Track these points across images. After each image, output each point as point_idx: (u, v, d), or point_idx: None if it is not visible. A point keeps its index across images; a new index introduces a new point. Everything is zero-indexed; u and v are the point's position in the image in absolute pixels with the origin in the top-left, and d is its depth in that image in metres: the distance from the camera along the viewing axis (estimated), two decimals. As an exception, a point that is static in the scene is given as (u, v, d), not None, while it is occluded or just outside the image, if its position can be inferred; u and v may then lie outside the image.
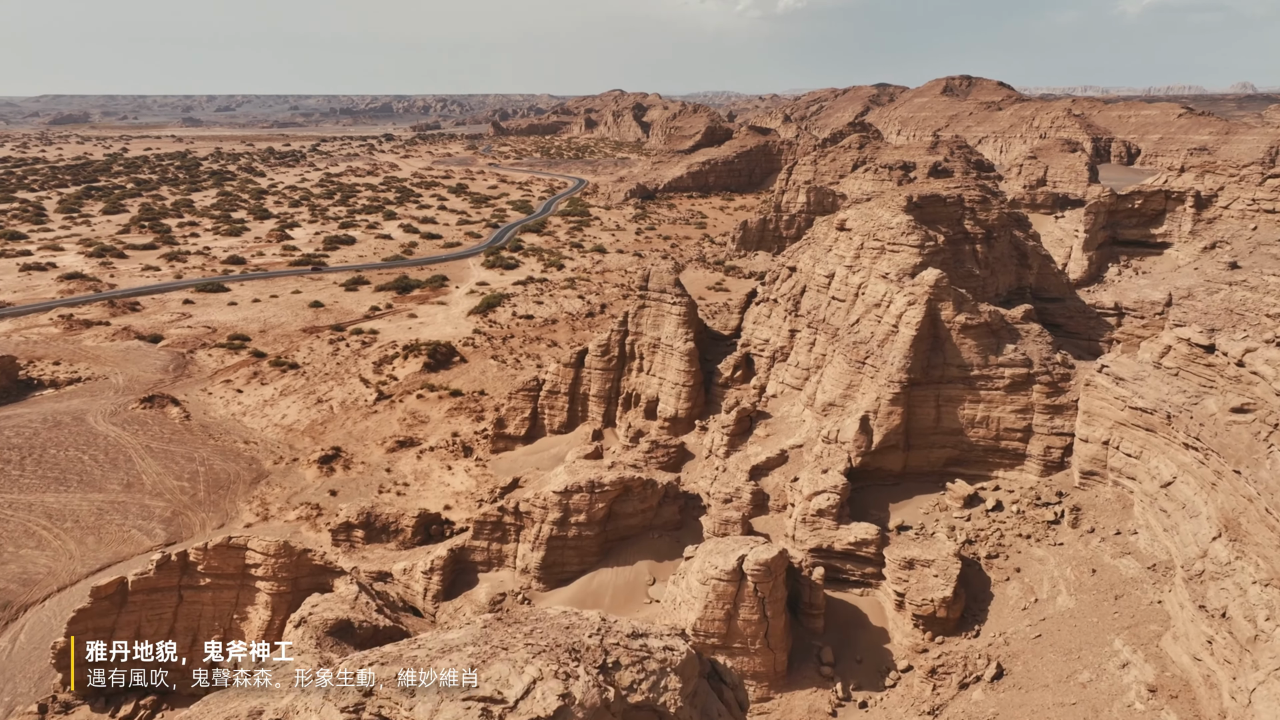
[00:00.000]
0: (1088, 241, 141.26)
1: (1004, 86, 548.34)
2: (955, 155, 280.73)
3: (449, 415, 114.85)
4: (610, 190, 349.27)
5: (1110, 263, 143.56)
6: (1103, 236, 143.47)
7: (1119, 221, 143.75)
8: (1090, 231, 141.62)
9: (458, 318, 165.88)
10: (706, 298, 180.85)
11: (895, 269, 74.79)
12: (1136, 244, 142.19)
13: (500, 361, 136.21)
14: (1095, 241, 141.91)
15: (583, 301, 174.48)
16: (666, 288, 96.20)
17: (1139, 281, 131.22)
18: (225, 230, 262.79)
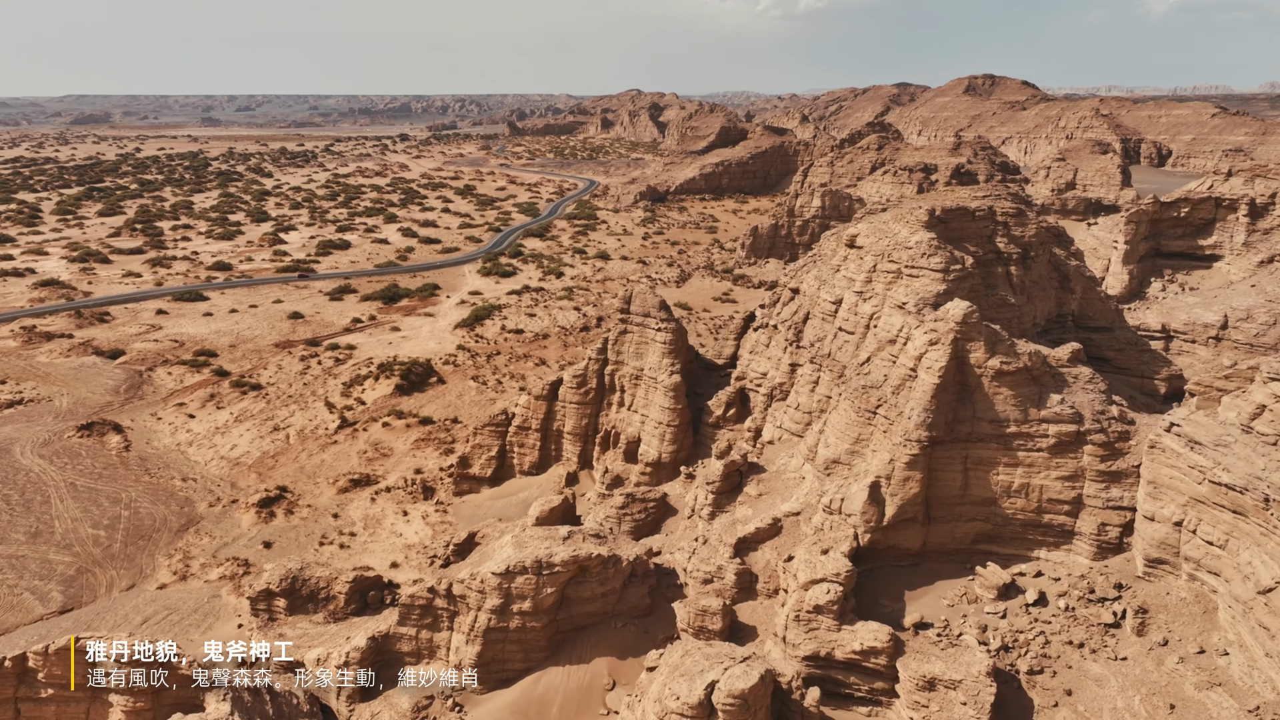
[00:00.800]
0: (1128, 253, 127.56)
1: (1028, 86, 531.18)
2: (979, 157, 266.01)
3: (415, 447, 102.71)
4: (620, 192, 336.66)
5: (1153, 277, 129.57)
6: (1145, 248, 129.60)
7: (1162, 231, 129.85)
8: (1131, 242, 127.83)
9: (443, 331, 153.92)
10: (712, 309, 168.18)
11: (914, 298, 61.78)
12: (1182, 256, 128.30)
13: (481, 383, 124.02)
14: (1137, 253, 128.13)
15: (578, 314, 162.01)
16: (650, 311, 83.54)
17: (1187, 299, 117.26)
18: (219, 234, 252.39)
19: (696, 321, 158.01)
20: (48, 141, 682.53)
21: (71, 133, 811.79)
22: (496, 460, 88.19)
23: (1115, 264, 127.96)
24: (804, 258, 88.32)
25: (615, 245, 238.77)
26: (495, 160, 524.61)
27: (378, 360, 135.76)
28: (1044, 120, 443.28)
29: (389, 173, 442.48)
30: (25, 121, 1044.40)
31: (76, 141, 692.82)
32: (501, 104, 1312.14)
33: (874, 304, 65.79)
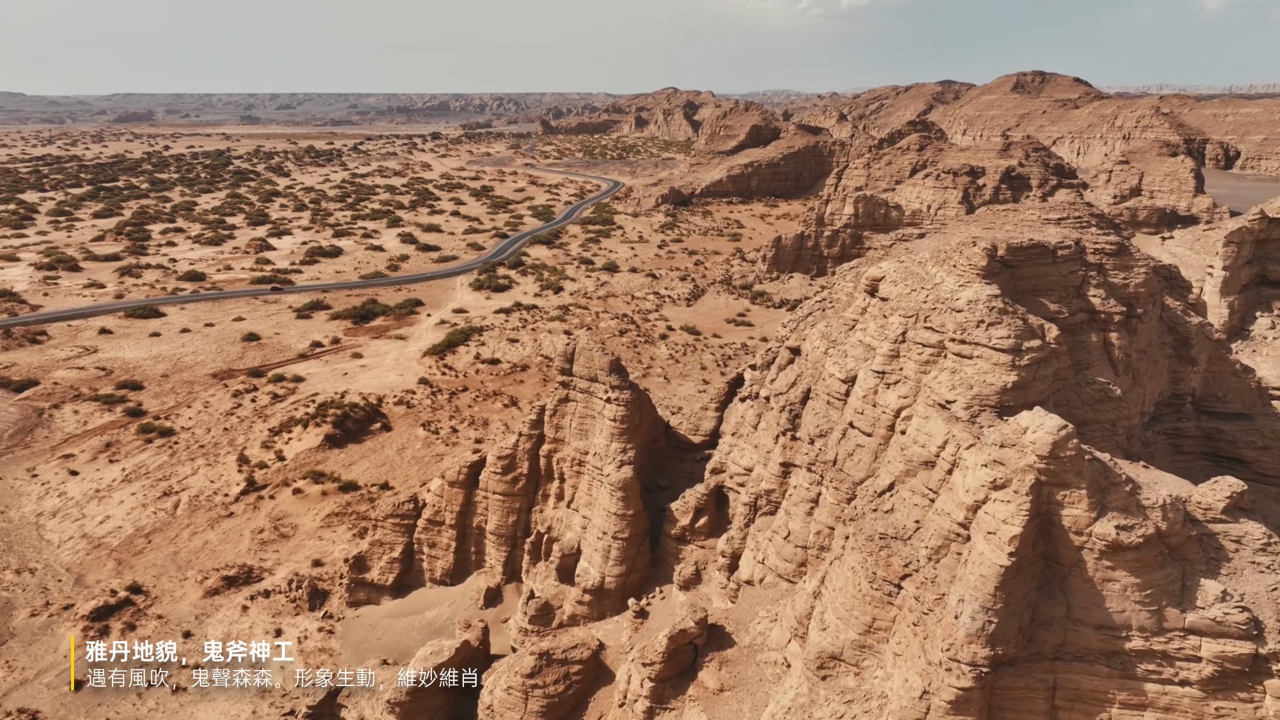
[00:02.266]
0: (1228, 282, 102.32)
1: (1081, 83, 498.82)
2: (1031, 159, 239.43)
3: (325, 525, 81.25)
4: (641, 195, 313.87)
5: (1258, 311, 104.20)
6: (1247, 275, 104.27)
7: (1270, 254, 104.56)
8: (1231, 268, 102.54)
9: (410, 359, 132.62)
10: (723, 334, 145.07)
11: (966, 394, 38.60)
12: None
13: (432, 432, 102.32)
14: (1238, 281, 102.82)
15: (567, 339, 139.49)
16: (598, 375, 60.97)
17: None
18: (208, 238, 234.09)
19: (702, 351, 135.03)
20: (83, 140, 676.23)
21: (110, 131, 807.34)
22: (402, 563, 66.20)
23: (1211, 294, 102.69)
24: (811, 301, 65.09)
25: (627, 255, 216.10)
26: (521, 160, 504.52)
27: (324, 396, 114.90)
28: (1098, 119, 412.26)
29: (408, 172, 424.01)
30: (70, 119, 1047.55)
31: (111, 139, 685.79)
32: (539, 102, 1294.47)
33: (901, 394, 42.63)
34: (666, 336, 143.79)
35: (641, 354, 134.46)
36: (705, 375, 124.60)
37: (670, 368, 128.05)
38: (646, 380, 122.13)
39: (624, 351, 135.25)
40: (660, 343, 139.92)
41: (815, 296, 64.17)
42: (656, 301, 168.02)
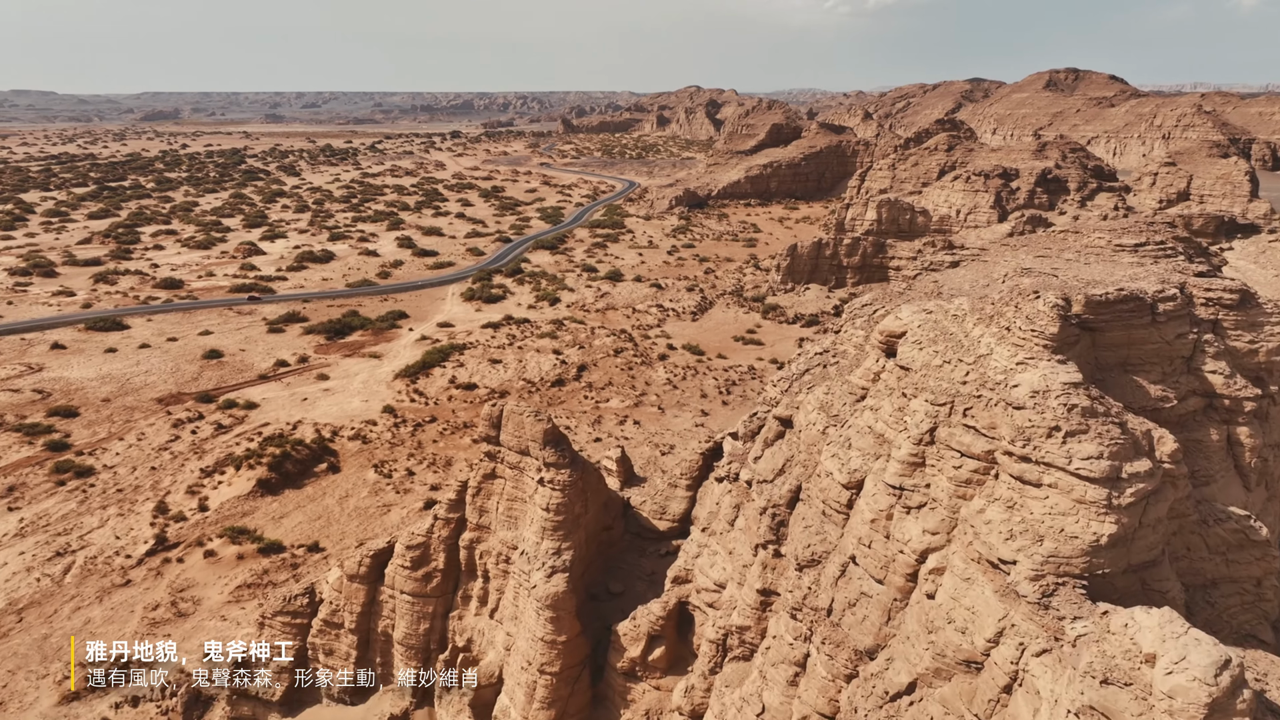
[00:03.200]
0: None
1: (1116, 80, 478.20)
2: (1069, 160, 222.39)
3: (234, 598, 67.62)
4: (655, 197, 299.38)
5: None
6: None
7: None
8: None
9: (380, 382, 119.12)
10: (729, 356, 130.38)
11: (1033, 554, 24.02)
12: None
13: (384, 475, 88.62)
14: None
15: (555, 360, 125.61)
16: (529, 448, 46.57)
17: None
18: (198, 241, 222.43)
19: (704, 375, 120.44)
20: (105, 138, 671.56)
21: (133, 129, 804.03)
22: (293, 672, 52.28)
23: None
24: (810, 353, 50.59)
25: (633, 262, 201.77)
26: (538, 159, 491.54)
27: (275, 427, 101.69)
28: (1135, 118, 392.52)
29: (420, 172, 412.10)
30: (97, 118, 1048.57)
31: (132, 138, 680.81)
32: (563, 101, 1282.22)
33: (929, 527, 28.08)
34: (666, 357, 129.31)
35: (636, 378, 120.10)
36: (705, 404, 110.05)
37: (666, 395, 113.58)
38: (639, 410, 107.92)
39: (617, 375, 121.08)
40: (658, 364, 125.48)
41: (815, 348, 49.51)
42: (659, 315, 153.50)
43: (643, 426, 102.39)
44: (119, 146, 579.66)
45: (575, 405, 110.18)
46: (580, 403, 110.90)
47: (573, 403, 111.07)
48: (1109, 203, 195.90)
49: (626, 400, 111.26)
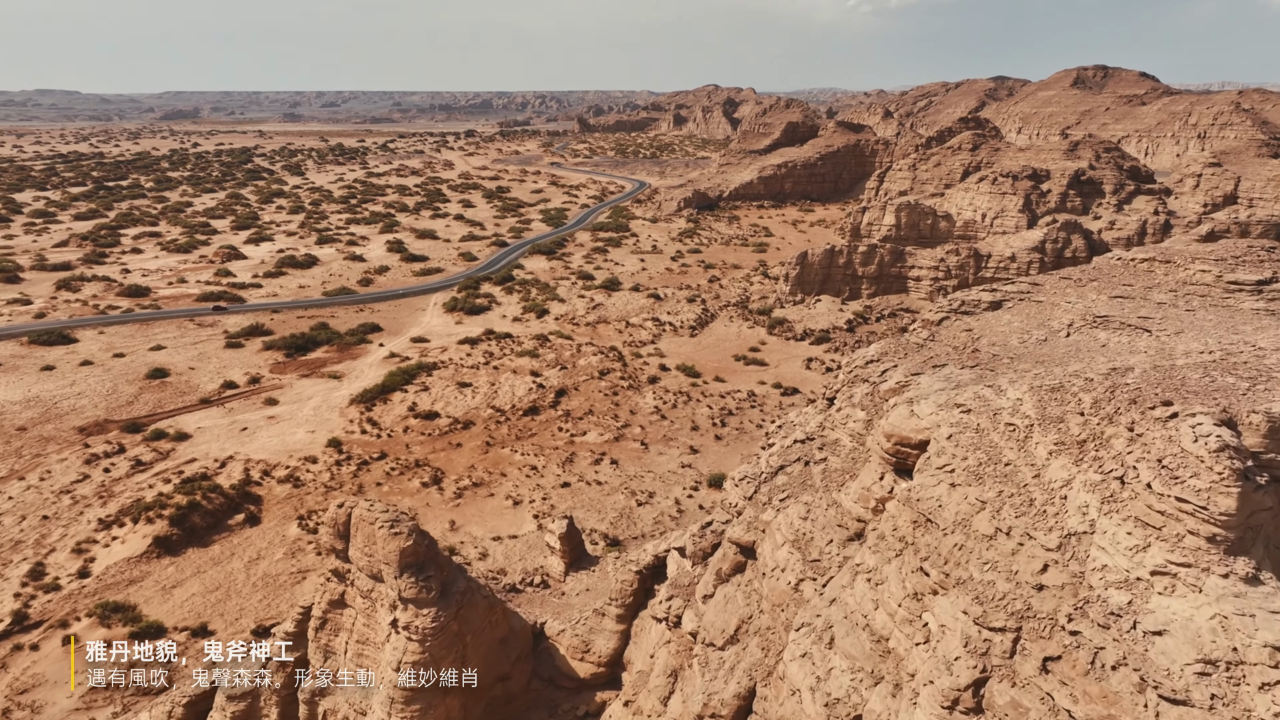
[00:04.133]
0: None
1: (1147, 78, 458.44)
2: (1103, 160, 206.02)
3: (84, 705, 54.13)
4: (663, 198, 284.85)
5: None
6: None
7: None
8: None
9: (334, 408, 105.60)
10: (729, 377, 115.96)
11: None
12: None
13: (308, 530, 74.97)
14: None
15: (532, 384, 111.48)
16: (382, 570, 32.38)
17: None
18: (179, 245, 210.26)
19: (697, 403, 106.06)
20: (120, 136, 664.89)
21: (149, 128, 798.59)
22: None
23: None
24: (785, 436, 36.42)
25: (634, 269, 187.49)
26: (549, 158, 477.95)
27: (202, 463, 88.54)
28: (1169, 116, 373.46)
29: (427, 171, 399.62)
30: (118, 117, 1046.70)
31: (147, 137, 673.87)
32: (582, 100, 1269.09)
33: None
34: (657, 380, 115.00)
35: (621, 405, 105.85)
36: (696, 439, 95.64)
37: (653, 426, 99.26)
38: (619, 446, 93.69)
39: (600, 401, 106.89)
40: (647, 389, 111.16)
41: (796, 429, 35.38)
42: (654, 330, 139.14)
43: (620, 468, 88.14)
44: (130, 145, 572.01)
45: (547, 438, 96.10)
46: (553, 436, 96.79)
47: (545, 435, 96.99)
48: (1148, 207, 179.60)
49: (606, 433, 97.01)
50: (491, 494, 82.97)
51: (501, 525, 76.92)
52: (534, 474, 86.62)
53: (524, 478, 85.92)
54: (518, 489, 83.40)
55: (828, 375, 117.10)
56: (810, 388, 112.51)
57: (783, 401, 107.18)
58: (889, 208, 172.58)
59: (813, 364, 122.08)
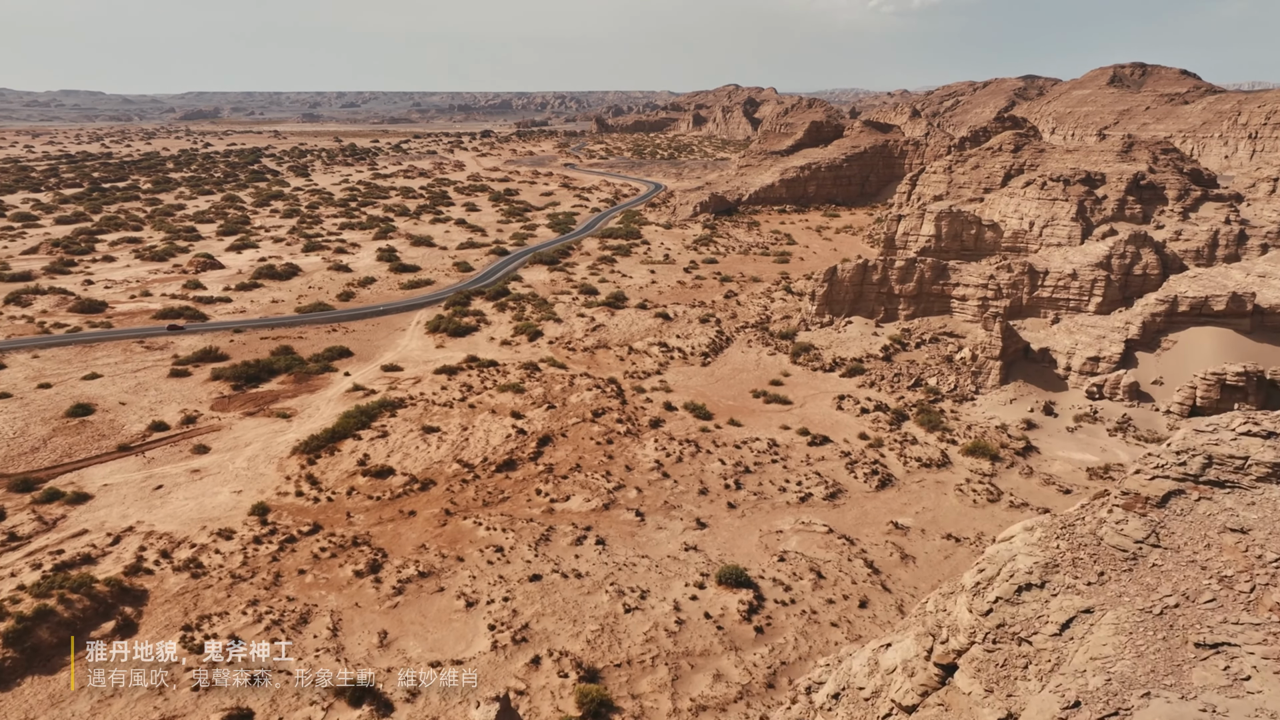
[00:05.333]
0: None
1: (1189, 75, 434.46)
2: (1161, 162, 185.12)
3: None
4: (678, 202, 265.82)
5: None
6: None
7: None
8: None
9: (271, 459, 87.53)
10: (746, 420, 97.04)
11: None
12: None
13: (192, 647, 56.73)
14: None
15: (511, 429, 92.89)
16: None
17: None
18: (156, 252, 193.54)
19: (707, 455, 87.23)
20: (136, 137, 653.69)
21: (165, 128, 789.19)
22: None
23: None
24: None
25: (643, 281, 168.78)
26: (564, 159, 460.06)
27: (92, 538, 70.81)
28: (1215, 116, 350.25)
29: (435, 173, 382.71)
30: (138, 117, 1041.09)
31: (162, 137, 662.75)
32: (602, 101, 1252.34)
33: None
34: (661, 423, 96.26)
35: (616, 457, 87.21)
36: (705, 507, 76.80)
37: (652, 488, 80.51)
38: (608, 517, 75.07)
39: (590, 452, 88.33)
40: (648, 436, 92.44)
41: None
42: (661, 357, 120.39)
43: (608, 550, 69.45)
44: (142, 145, 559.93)
45: (520, 505, 77.57)
46: (529, 501, 78.22)
47: (519, 500, 78.44)
48: (1218, 215, 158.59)
49: (594, 497, 78.31)
50: (441, 588, 64.49)
51: (447, 640, 58.48)
52: (499, 559, 68.10)
53: (485, 564, 67.39)
54: (474, 582, 64.87)
55: (864, 420, 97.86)
56: (844, 435, 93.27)
57: (810, 455, 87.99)
58: (927, 216, 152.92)
59: (845, 403, 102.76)
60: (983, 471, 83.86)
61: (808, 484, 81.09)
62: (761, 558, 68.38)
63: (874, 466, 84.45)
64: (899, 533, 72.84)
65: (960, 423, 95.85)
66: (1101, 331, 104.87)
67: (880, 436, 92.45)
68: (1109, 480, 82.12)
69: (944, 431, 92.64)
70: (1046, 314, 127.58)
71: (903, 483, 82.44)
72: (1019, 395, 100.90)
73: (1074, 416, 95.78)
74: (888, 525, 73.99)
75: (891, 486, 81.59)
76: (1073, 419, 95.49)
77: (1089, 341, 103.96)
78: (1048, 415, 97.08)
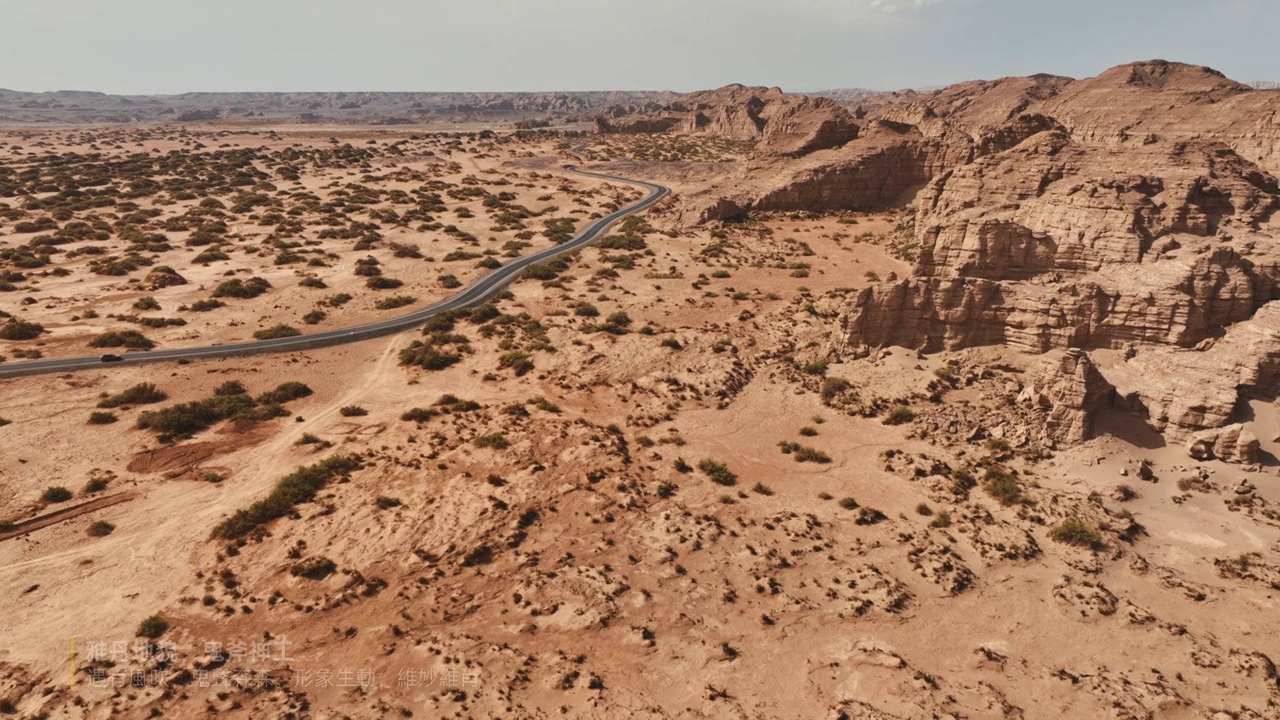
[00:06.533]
0: None
1: (1211, 73, 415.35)
2: (1220, 165, 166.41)
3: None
4: (685, 207, 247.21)
5: None
6: None
7: None
8: None
9: (186, 545, 69.04)
10: (776, 485, 78.35)
11: None
12: None
13: None
14: None
15: (489, 501, 74.26)
16: None
17: None
18: (116, 265, 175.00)
19: (731, 541, 68.79)
20: (131, 138, 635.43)
21: (159, 129, 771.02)
22: None
23: None
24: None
25: (648, 299, 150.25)
26: (564, 160, 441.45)
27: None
28: (1245, 115, 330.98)
29: (430, 175, 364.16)
30: (136, 118, 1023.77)
31: (156, 138, 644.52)
32: (603, 101, 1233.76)
33: None
34: (673, 491, 77.77)
35: (617, 543, 68.79)
36: (734, 622, 58.31)
37: (663, 593, 62.03)
38: (605, 641, 56.64)
39: (586, 535, 69.91)
40: (658, 508, 73.96)
41: None
42: (670, 397, 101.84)
43: (606, 700, 50.99)
44: (133, 147, 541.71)
45: (493, 619, 59.10)
46: (505, 614, 59.71)
47: (491, 611, 59.94)
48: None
49: (589, 609, 59.85)
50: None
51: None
52: (460, 714, 49.70)
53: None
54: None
55: (921, 486, 79.24)
56: (899, 508, 74.69)
57: (862, 540, 69.39)
58: (970, 228, 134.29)
59: (895, 461, 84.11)
60: (1084, 565, 65.29)
61: (864, 585, 62.61)
62: (815, 712, 49.92)
63: (945, 558, 65.92)
64: (993, 665, 54.35)
65: (1041, 491, 77.26)
66: (1205, 374, 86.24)
67: (945, 511, 73.87)
68: (1249, 579, 63.62)
69: (1025, 505, 74.09)
70: (1118, 344, 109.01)
71: (984, 583, 63.89)
72: (1107, 453, 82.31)
73: (1180, 482, 77.27)
74: (976, 654, 55.50)
75: (971, 589, 63.03)
76: (1179, 486, 76.95)
77: (1190, 386, 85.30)
78: (1146, 480, 78.51)
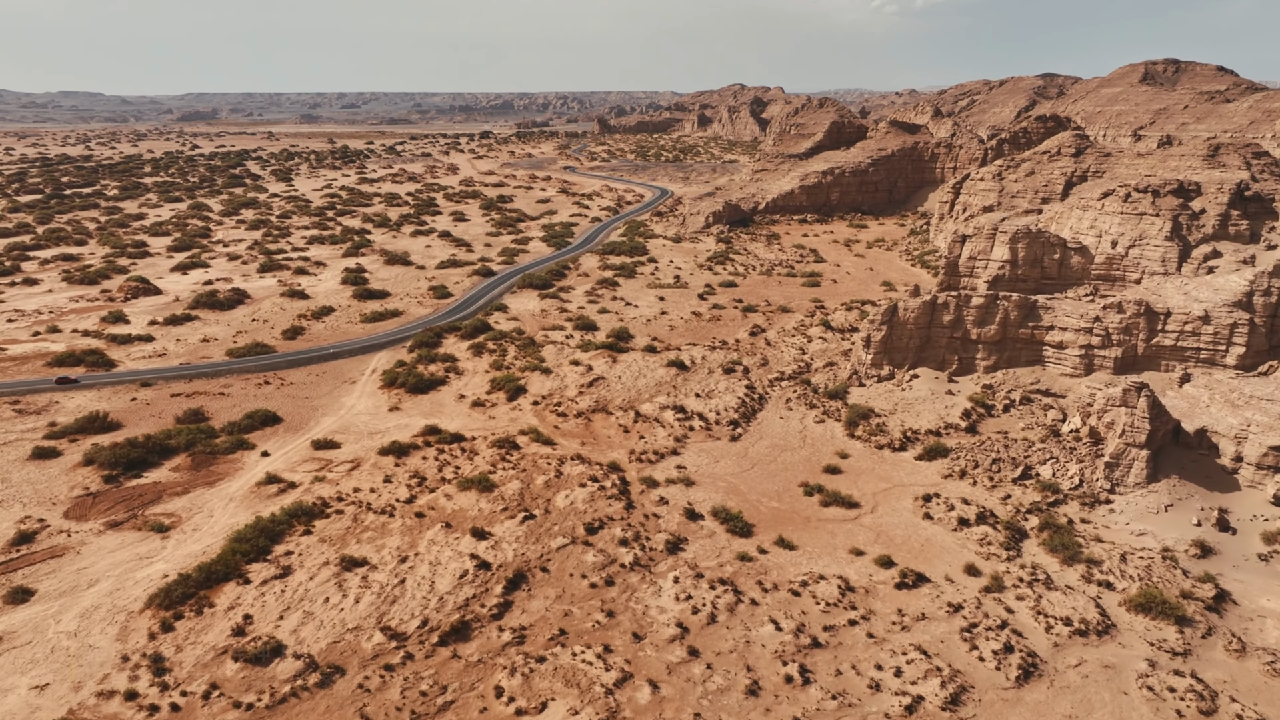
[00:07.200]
0: None
1: (1225, 72, 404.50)
2: (1257, 168, 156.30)
3: None
4: (688, 211, 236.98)
5: None
6: None
7: None
8: None
9: (116, 617, 58.85)
10: (799, 538, 68.05)
11: None
12: None
13: None
14: None
15: (470, 561, 64.12)
16: None
17: None
18: (88, 274, 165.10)
19: (751, 612, 58.59)
20: (124, 139, 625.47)
21: (157, 129, 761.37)
22: None
23: None
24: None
25: (651, 312, 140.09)
26: (564, 161, 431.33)
27: None
28: (1263, 115, 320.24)
29: (426, 177, 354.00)
30: (134, 118, 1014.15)
31: (153, 138, 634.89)
32: (604, 101, 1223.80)
33: None
34: (682, 545, 67.59)
35: (618, 615, 58.60)
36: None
37: (674, 686, 51.85)
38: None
39: (582, 604, 59.71)
40: (664, 568, 63.77)
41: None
42: (677, 427, 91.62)
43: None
44: (128, 147, 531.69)
45: (470, 718, 48.94)
46: (483, 713, 49.45)
47: (467, 712, 49.71)
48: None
49: (584, 708, 49.62)
50: None
51: None
52: None
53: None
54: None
55: (966, 537, 68.95)
56: (944, 568, 64.44)
57: (904, 610, 59.12)
58: (999, 237, 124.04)
59: (934, 507, 73.83)
60: (1169, 646, 55.08)
61: (911, 672, 52.41)
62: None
63: (1005, 636, 55.70)
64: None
65: (1106, 547, 66.98)
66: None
67: (997, 571, 63.65)
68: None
69: (1089, 565, 63.83)
70: (1169, 366, 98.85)
71: (1054, 669, 53.64)
72: (1175, 499, 72.08)
73: (1263, 535, 67.09)
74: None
75: (1039, 677, 52.80)
76: (1262, 540, 66.76)
77: (1268, 422, 75.03)
78: (1223, 532, 68.30)
